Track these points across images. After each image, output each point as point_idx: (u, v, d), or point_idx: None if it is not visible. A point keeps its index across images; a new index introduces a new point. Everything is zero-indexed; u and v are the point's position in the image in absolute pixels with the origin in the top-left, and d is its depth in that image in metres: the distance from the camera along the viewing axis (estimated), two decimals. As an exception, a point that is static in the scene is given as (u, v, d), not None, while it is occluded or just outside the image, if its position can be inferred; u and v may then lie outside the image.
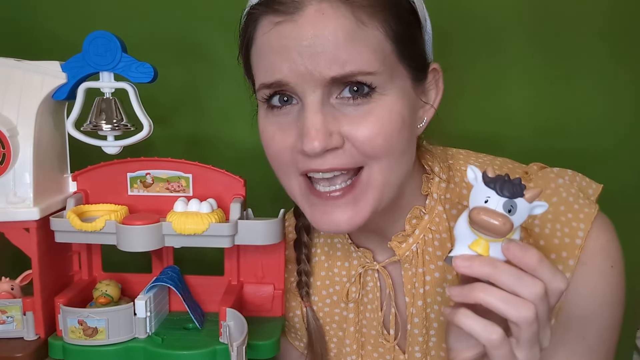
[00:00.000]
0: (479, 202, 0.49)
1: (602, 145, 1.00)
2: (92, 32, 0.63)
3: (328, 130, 0.57)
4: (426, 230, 0.68)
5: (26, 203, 0.63)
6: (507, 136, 1.01)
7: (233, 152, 1.04)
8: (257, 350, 0.63)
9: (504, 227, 0.47)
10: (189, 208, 0.63)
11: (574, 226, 0.63)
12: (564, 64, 0.99)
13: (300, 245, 0.76)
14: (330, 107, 0.58)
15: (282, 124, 0.60)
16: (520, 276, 0.49)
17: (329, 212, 0.61)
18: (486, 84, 1.01)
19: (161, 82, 0.66)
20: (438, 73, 0.65)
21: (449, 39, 0.96)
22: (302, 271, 0.76)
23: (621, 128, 0.99)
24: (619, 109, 0.99)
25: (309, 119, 0.57)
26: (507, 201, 0.48)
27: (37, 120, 0.63)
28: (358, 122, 0.57)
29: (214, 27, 1.00)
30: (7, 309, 0.63)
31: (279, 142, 0.60)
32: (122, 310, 0.62)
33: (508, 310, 0.48)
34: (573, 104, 1.00)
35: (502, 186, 0.48)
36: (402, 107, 0.59)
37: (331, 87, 0.57)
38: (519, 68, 0.99)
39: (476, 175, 0.50)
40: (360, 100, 0.57)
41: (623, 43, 0.97)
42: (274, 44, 0.57)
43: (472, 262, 0.50)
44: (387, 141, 0.58)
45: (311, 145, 0.56)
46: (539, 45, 0.99)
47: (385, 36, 0.57)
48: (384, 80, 0.57)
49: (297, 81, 0.57)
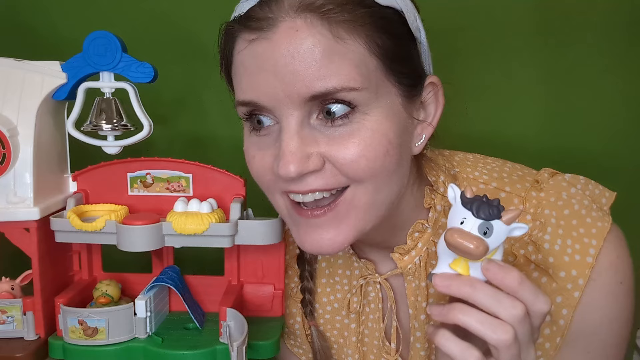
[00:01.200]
0: (455, 223, 0.48)
1: (614, 148, 1.00)
2: (92, 32, 0.63)
3: (306, 154, 0.54)
4: (429, 243, 0.66)
5: (26, 203, 0.63)
6: (516, 138, 1.01)
7: (233, 152, 1.04)
8: (257, 350, 0.63)
9: (476, 250, 0.46)
10: (189, 208, 0.63)
11: (585, 242, 0.60)
12: (574, 66, 0.99)
13: (303, 262, 0.74)
14: (309, 129, 0.55)
15: (261, 145, 0.59)
16: (499, 298, 0.48)
17: (311, 232, 0.58)
18: (496, 86, 1.01)
19: (161, 82, 0.66)
20: (437, 86, 0.61)
21: (456, 42, 0.96)
22: (306, 289, 0.74)
23: (633, 130, 1.00)
24: (631, 111, 0.99)
25: (284, 142, 0.54)
26: (482, 223, 0.47)
27: (38, 120, 0.63)
28: (339, 143, 0.54)
29: (214, 27, 0.99)
30: (7, 309, 0.63)
31: (259, 162, 0.59)
32: (123, 310, 0.62)
33: (485, 333, 0.48)
34: (584, 107, 1.00)
35: (478, 208, 0.47)
36: (388, 127, 0.55)
37: (311, 107, 0.54)
38: (529, 69, 1.00)
39: (455, 195, 0.49)
40: (341, 121, 0.54)
41: (634, 42, 0.97)
42: (249, 63, 0.55)
43: (451, 281, 0.49)
44: (371, 164, 0.55)
45: (285, 169, 0.54)
46: (547, 46, 0.99)
47: (369, 52, 0.54)
48: (368, 98, 0.54)
49: (275, 104, 0.55)
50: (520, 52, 1.00)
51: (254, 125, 0.59)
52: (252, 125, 0.59)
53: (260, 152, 0.59)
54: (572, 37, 0.98)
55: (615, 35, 0.97)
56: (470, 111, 0.99)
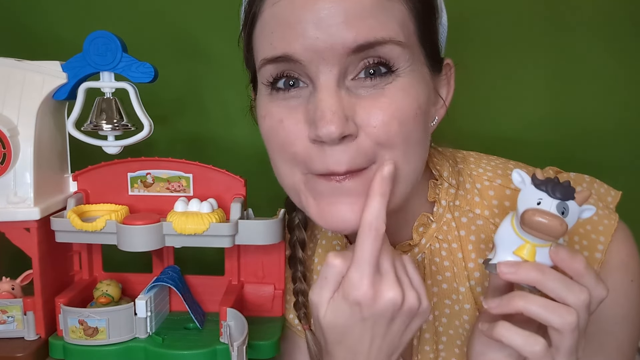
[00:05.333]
0: (531, 204, 0.48)
1: (618, 148, 1.00)
2: (93, 32, 0.63)
3: (345, 114, 0.51)
4: (433, 239, 0.64)
5: (27, 203, 0.63)
6: (519, 138, 1.01)
7: (233, 152, 1.04)
8: (258, 350, 0.63)
9: (560, 227, 0.46)
10: (190, 208, 0.63)
11: (593, 239, 0.60)
12: (577, 66, 0.99)
13: (296, 262, 0.71)
14: (345, 90, 0.52)
15: (290, 107, 0.54)
16: (567, 283, 0.48)
17: (335, 204, 0.54)
18: (497, 85, 1.00)
19: (161, 82, 0.66)
20: (451, 69, 0.61)
21: (459, 39, 0.96)
22: (299, 291, 0.71)
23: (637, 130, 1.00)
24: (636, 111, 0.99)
25: (324, 101, 0.50)
26: (560, 203, 0.47)
27: (38, 120, 0.63)
28: (372, 104, 0.52)
29: (214, 27, 1.00)
30: (7, 309, 0.63)
31: (290, 126, 0.53)
32: (123, 310, 0.62)
33: (551, 318, 0.47)
34: (587, 107, 1.00)
35: (554, 188, 0.47)
36: (419, 92, 0.54)
37: (349, 64, 0.51)
38: (530, 69, 0.99)
39: (523, 178, 0.49)
40: (377, 81, 0.52)
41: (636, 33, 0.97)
42: (287, 14, 0.51)
43: (517, 268, 0.48)
44: (402, 127, 0.52)
45: (327, 129, 0.49)
46: (550, 46, 0.99)
47: (410, 14, 0.53)
48: (405, 59, 0.52)
49: (312, 58, 0.51)
50: (526, 52, 0.99)
51: (280, 87, 0.54)
52: (276, 88, 0.55)
53: (290, 114, 0.54)
54: (583, 36, 0.98)
55: (618, 26, 0.97)
56: (472, 112, 0.99)
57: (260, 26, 0.54)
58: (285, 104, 0.54)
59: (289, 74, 0.53)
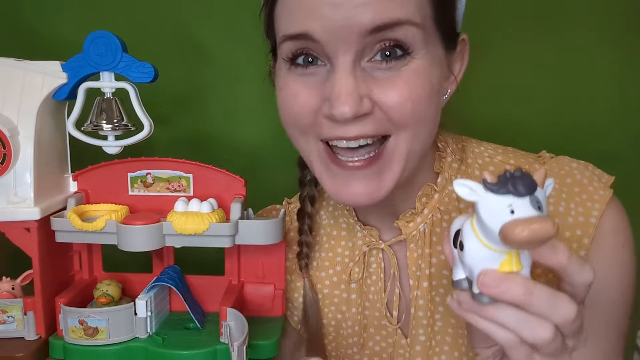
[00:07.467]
0: (503, 216, 0.40)
1: (616, 141, 1.00)
2: (93, 32, 0.63)
3: (359, 95, 0.53)
4: (435, 210, 0.67)
5: (27, 203, 0.63)
6: (518, 126, 1.01)
7: (233, 152, 1.05)
8: (258, 350, 0.63)
9: (553, 228, 0.38)
10: (190, 208, 0.63)
11: (588, 206, 0.62)
12: (582, 55, 0.99)
13: (304, 216, 0.74)
14: (361, 70, 0.54)
15: (307, 83, 0.56)
16: (553, 300, 0.44)
17: (350, 184, 0.57)
18: (498, 73, 1.00)
19: (162, 82, 0.66)
20: (466, 44, 0.63)
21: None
22: (304, 242, 0.73)
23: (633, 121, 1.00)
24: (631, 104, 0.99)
25: (340, 81, 0.53)
26: (531, 198, 0.39)
27: (38, 120, 0.63)
28: (388, 85, 0.54)
29: (214, 27, 1.00)
30: (7, 309, 0.63)
31: (304, 101, 0.56)
32: (123, 310, 0.62)
33: (524, 333, 0.44)
34: (588, 98, 1.00)
35: (516, 185, 0.39)
36: (433, 73, 0.56)
37: (366, 45, 0.53)
38: (533, 57, 1.00)
39: (474, 188, 0.41)
40: (392, 64, 0.54)
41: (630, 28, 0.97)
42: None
43: (502, 283, 0.43)
44: (416, 107, 0.55)
45: (342, 109, 0.52)
46: (552, 35, 0.99)
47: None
48: (421, 41, 0.54)
49: (330, 38, 0.52)
50: (529, 39, 0.99)
51: (298, 63, 0.56)
52: (295, 64, 0.57)
53: (306, 90, 0.56)
54: (591, 25, 0.98)
55: (613, 21, 0.97)
56: (474, 98, 0.99)
57: (281, 3, 0.56)
58: (302, 79, 0.57)
59: (307, 51, 0.55)
